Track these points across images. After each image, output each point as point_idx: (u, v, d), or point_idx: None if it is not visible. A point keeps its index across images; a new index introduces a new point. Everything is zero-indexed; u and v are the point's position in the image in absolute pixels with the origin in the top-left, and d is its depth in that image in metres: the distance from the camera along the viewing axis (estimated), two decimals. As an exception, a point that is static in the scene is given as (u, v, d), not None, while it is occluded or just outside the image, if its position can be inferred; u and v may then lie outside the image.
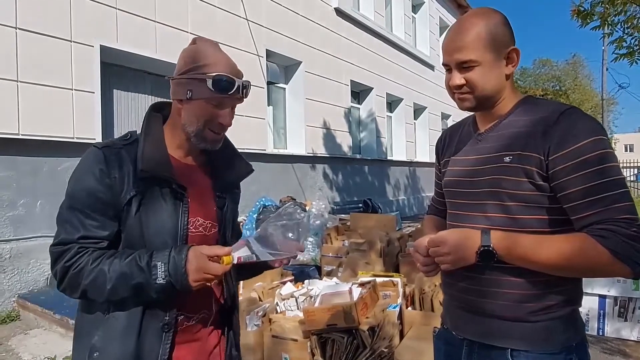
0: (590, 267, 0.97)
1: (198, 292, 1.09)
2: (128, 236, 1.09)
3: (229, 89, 1.11)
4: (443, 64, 1.15)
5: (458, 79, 1.10)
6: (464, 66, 1.08)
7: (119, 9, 5.27)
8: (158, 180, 1.10)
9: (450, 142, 1.31)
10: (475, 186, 1.13)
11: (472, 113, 1.23)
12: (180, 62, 1.15)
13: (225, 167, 1.29)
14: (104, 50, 5.07)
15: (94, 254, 1.05)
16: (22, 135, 4.31)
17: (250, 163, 1.35)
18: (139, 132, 1.17)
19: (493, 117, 1.16)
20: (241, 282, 3.88)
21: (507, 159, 1.07)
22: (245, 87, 1.15)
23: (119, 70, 5.58)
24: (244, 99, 1.18)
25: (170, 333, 1.09)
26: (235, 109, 1.18)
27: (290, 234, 1.12)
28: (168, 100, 1.25)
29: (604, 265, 0.94)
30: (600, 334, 3.44)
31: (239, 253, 1.07)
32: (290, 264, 1.87)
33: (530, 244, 1.00)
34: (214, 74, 1.09)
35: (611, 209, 0.95)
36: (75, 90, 4.77)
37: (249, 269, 1.28)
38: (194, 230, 1.16)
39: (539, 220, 1.05)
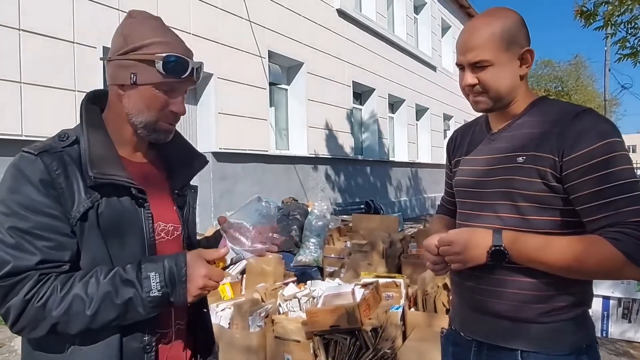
0: (603, 270, 0.96)
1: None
2: (89, 254, 0.92)
3: (182, 72, 0.95)
4: (456, 64, 1.14)
5: (470, 78, 1.09)
6: (477, 66, 1.07)
7: (121, 10, 5.28)
8: (114, 186, 0.94)
9: (461, 141, 1.30)
10: (487, 186, 1.12)
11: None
12: (119, 39, 0.96)
13: (179, 161, 1.13)
14: (106, 51, 5.08)
15: (60, 279, 0.87)
16: (25, 136, 4.32)
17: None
18: (76, 129, 0.98)
19: (507, 117, 1.14)
20: (244, 283, 3.88)
21: (520, 159, 1.06)
22: (199, 69, 1.00)
23: (121, 72, 5.60)
24: (197, 84, 1.04)
25: (152, 353, 0.97)
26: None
27: (259, 226, 1.05)
28: (107, 89, 1.05)
29: (617, 268, 0.94)
30: (604, 335, 3.43)
31: (229, 255, 1.02)
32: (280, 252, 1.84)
33: (542, 244, 0.99)
34: (164, 54, 0.93)
35: (623, 212, 0.94)
36: (78, 91, 4.78)
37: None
38: (156, 237, 1.01)
39: (551, 222, 1.04)
